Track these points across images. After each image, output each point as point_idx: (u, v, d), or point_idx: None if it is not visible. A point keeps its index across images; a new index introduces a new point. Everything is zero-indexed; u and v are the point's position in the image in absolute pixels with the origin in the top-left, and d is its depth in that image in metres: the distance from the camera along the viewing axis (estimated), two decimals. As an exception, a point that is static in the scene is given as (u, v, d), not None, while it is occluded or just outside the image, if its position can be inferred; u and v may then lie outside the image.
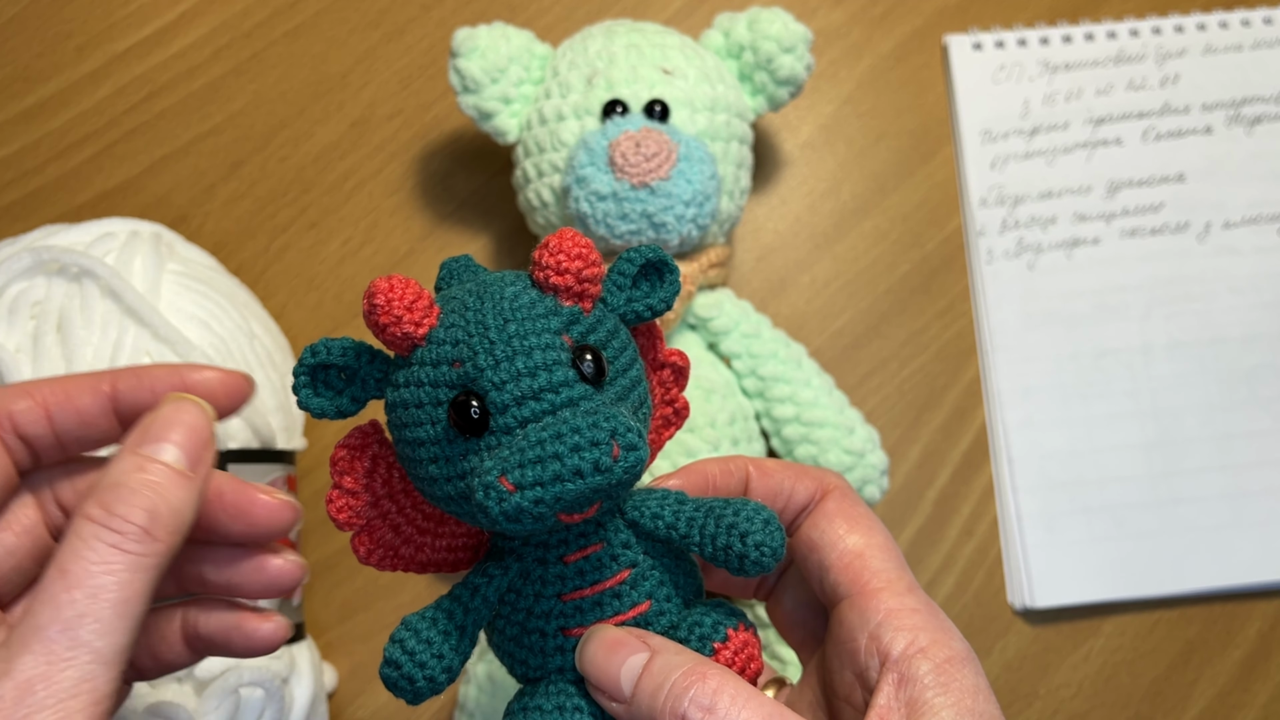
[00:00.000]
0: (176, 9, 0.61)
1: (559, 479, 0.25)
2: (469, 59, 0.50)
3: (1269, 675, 0.53)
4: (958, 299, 0.58)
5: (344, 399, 0.29)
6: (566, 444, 0.25)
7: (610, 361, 0.28)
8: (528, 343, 0.27)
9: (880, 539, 0.31)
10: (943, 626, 0.29)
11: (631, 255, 0.30)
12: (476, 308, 0.28)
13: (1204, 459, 0.55)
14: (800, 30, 0.51)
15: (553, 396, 0.27)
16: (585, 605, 0.29)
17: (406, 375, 0.28)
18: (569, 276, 0.28)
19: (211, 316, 0.47)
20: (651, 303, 0.30)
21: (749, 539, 0.28)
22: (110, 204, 0.58)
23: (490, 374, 0.27)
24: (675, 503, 0.30)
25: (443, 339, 0.27)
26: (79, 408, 0.30)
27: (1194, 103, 0.61)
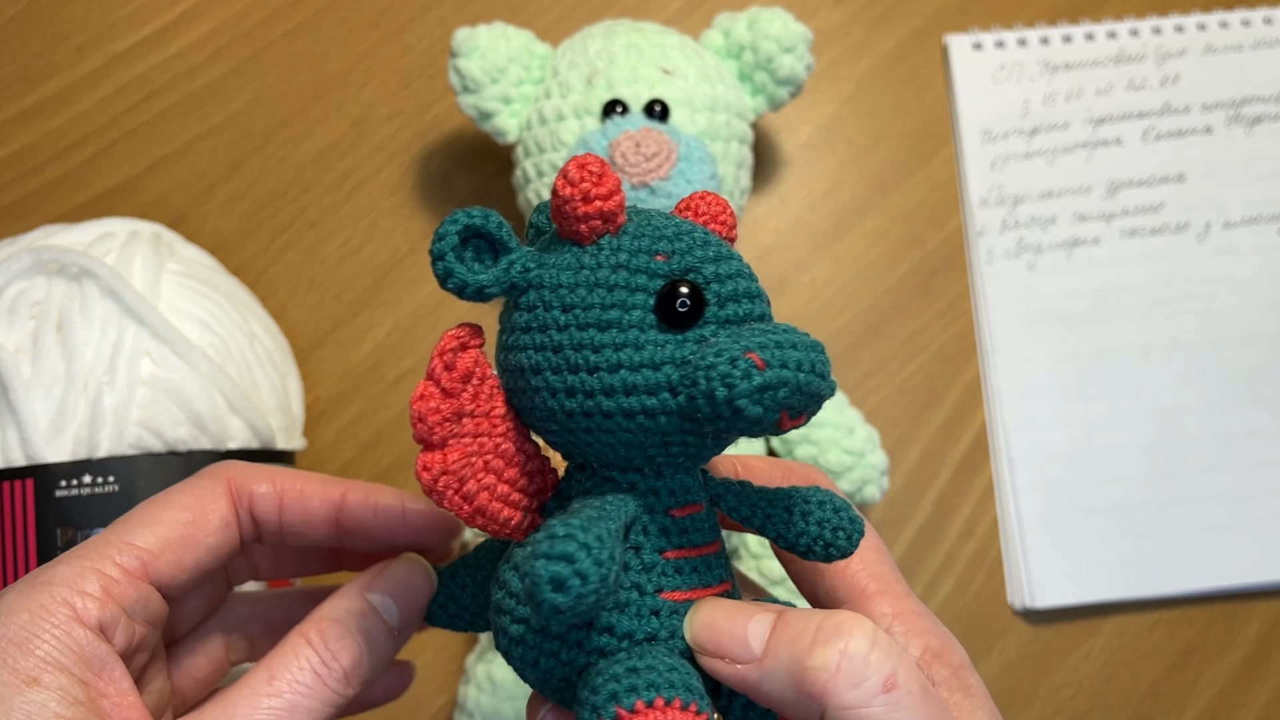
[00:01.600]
0: (176, 9, 0.61)
1: (800, 368, 0.24)
2: (469, 59, 0.50)
3: (1269, 675, 0.53)
4: (958, 299, 0.58)
5: (488, 275, 0.26)
6: (803, 340, 0.25)
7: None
8: (732, 251, 0.27)
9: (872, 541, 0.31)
10: (944, 631, 0.29)
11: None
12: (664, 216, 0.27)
13: (1204, 459, 0.55)
14: (800, 30, 0.51)
15: (762, 305, 0.26)
16: (685, 568, 0.27)
17: (593, 259, 0.25)
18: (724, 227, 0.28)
19: (211, 316, 0.47)
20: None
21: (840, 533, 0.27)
22: (110, 204, 0.58)
23: (711, 267, 0.26)
24: (739, 487, 0.29)
25: (638, 233, 0.26)
26: (308, 509, 0.31)
27: (1194, 103, 0.61)
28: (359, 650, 0.27)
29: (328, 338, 0.56)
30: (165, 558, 0.29)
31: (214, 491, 0.30)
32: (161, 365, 0.44)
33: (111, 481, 0.43)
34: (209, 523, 0.30)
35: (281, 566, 0.35)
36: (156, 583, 0.29)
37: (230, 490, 0.30)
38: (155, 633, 0.30)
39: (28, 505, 0.43)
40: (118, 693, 0.27)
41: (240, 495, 0.31)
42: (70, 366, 0.43)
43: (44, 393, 0.43)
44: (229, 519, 0.30)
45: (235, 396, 0.45)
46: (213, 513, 0.30)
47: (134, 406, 0.43)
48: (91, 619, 0.27)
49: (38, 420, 0.43)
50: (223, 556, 0.30)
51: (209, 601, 0.34)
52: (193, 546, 0.29)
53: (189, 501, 0.30)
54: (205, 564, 0.30)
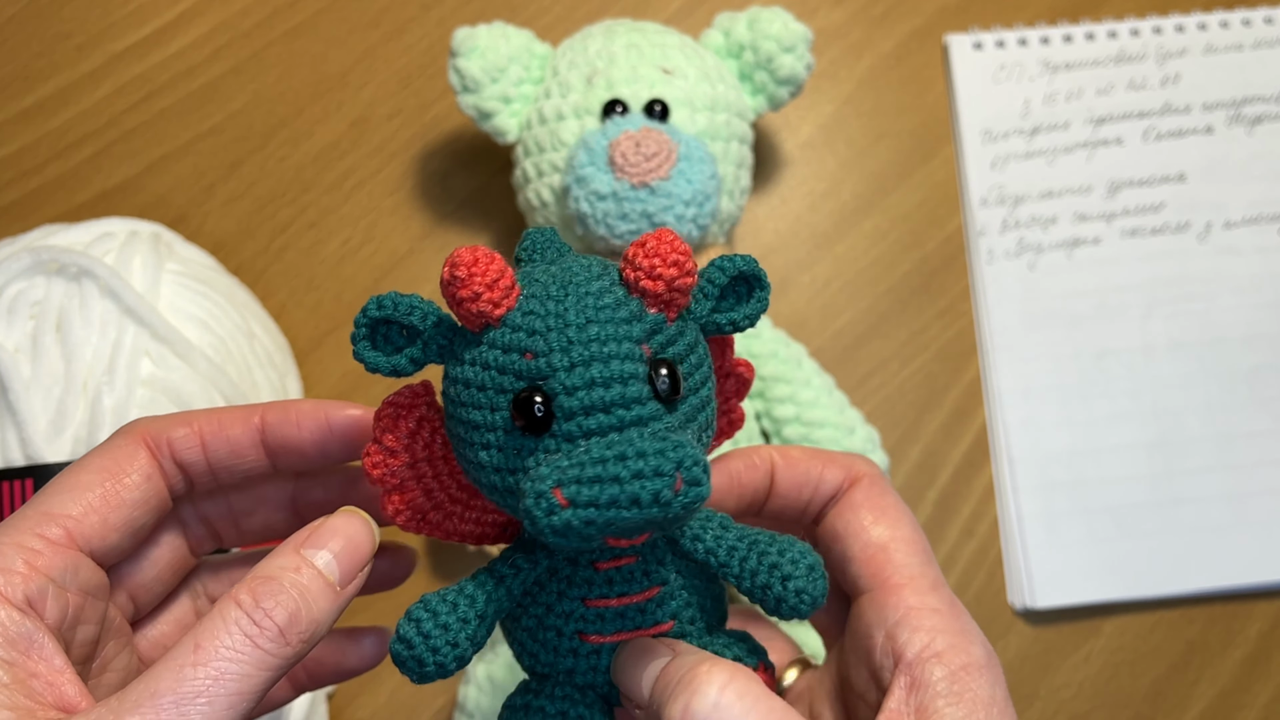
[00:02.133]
0: (176, 9, 0.61)
1: (615, 504, 0.24)
2: (469, 59, 0.50)
3: (1270, 675, 0.53)
4: (958, 299, 0.58)
5: (402, 358, 0.28)
6: (629, 468, 0.24)
7: (686, 378, 0.27)
8: (606, 349, 0.26)
9: (906, 532, 0.30)
10: (964, 630, 0.28)
11: (724, 264, 0.28)
12: (559, 298, 0.26)
13: (1205, 459, 0.55)
14: (800, 30, 0.51)
15: (623, 413, 0.25)
16: (607, 615, 0.28)
17: (474, 354, 0.27)
18: (661, 284, 0.26)
19: (211, 316, 0.47)
20: (735, 317, 0.28)
21: (790, 583, 0.27)
22: (109, 204, 0.58)
23: (564, 376, 0.25)
24: (719, 527, 0.29)
25: (519, 325, 0.26)
26: (230, 437, 0.30)
27: (1195, 102, 0.61)
28: (295, 607, 0.26)
29: (328, 338, 0.56)
30: (89, 520, 0.28)
31: (129, 448, 0.29)
32: (161, 365, 0.44)
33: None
34: (128, 477, 0.29)
35: (243, 532, 0.34)
36: (86, 548, 0.28)
37: (146, 443, 0.30)
38: (98, 603, 0.29)
39: (27, 505, 0.43)
40: (49, 670, 0.26)
41: (158, 445, 0.30)
42: (70, 366, 0.43)
43: (43, 393, 0.43)
44: (150, 470, 0.29)
45: (235, 396, 0.45)
46: (130, 467, 0.29)
47: (133, 406, 0.43)
48: (16, 595, 0.26)
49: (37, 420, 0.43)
50: (152, 510, 0.30)
51: (172, 571, 0.32)
52: (116, 504, 0.29)
53: (104, 462, 0.29)
54: (136, 521, 0.29)
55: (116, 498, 0.29)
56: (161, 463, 0.30)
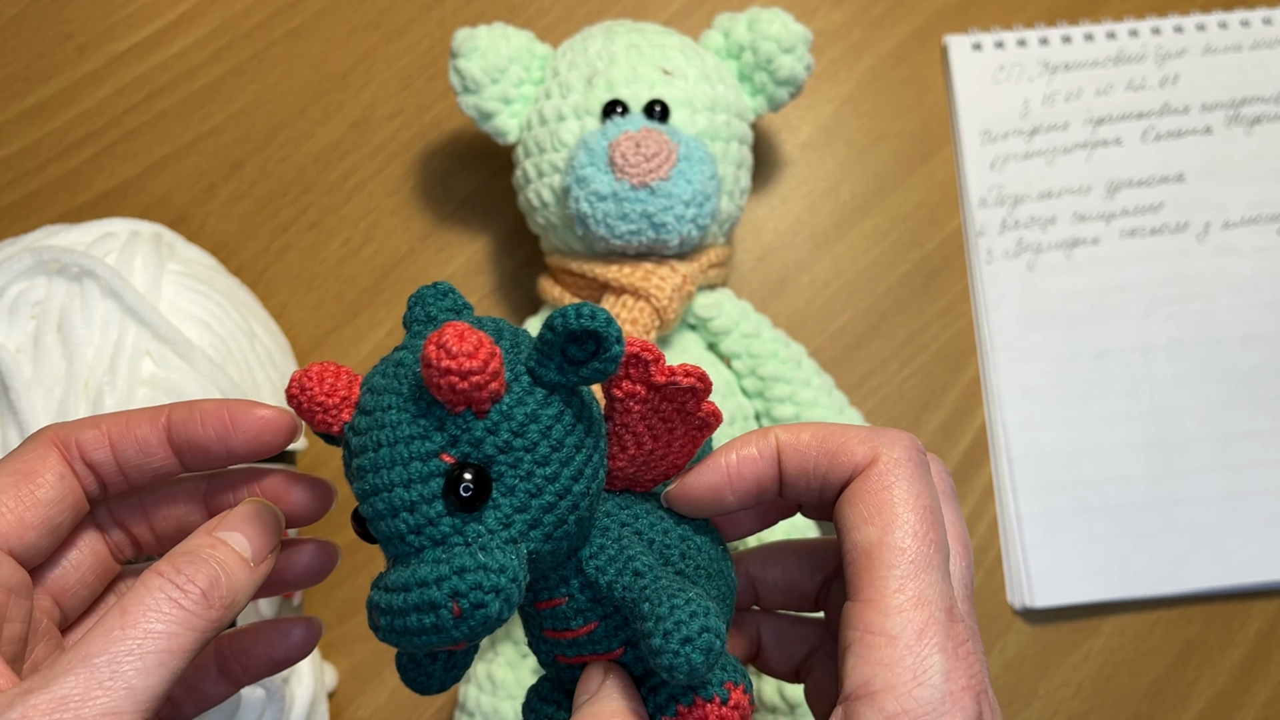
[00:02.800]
0: (177, 9, 0.61)
1: (407, 631, 0.25)
2: (469, 59, 0.50)
3: (1269, 675, 0.53)
4: (957, 299, 0.58)
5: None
6: (410, 600, 0.25)
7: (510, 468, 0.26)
8: (392, 476, 0.26)
9: (899, 534, 0.27)
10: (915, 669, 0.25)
11: (554, 322, 0.26)
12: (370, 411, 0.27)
13: (1204, 459, 0.55)
14: (800, 30, 0.51)
15: (414, 539, 0.26)
16: (563, 643, 0.30)
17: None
18: (444, 391, 0.25)
19: (212, 316, 0.47)
20: (586, 374, 0.27)
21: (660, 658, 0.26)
22: (111, 204, 0.58)
23: (364, 506, 0.27)
24: (631, 575, 0.28)
25: (348, 441, 0.28)
26: (138, 436, 0.31)
27: (1193, 103, 0.61)
28: (214, 574, 0.28)
29: (328, 338, 0.56)
30: (5, 519, 0.29)
31: (39, 450, 0.31)
32: (162, 365, 0.44)
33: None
34: (41, 477, 0.30)
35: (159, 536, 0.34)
36: (4, 546, 0.29)
37: (56, 445, 0.31)
38: (22, 601, 0.30)
39: (29, 505, 0.43)
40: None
41: (68, 448, 0.31)
42: (71, 366, 0.43)
43: (45, 392, 0.43)
44: (62, 470, 0.31)
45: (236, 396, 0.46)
46: (43, 468, 0.30)
47: (135, 406, 0.43)
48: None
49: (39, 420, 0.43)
50: (68, 509, 0.31)
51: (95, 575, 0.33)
52: (31, 504, 0.30)
53: (16, 465, 0.30)
54: (53, 520, 0.30)
55: (31, 497, 0.30)
56: (73, 464, 0.31)
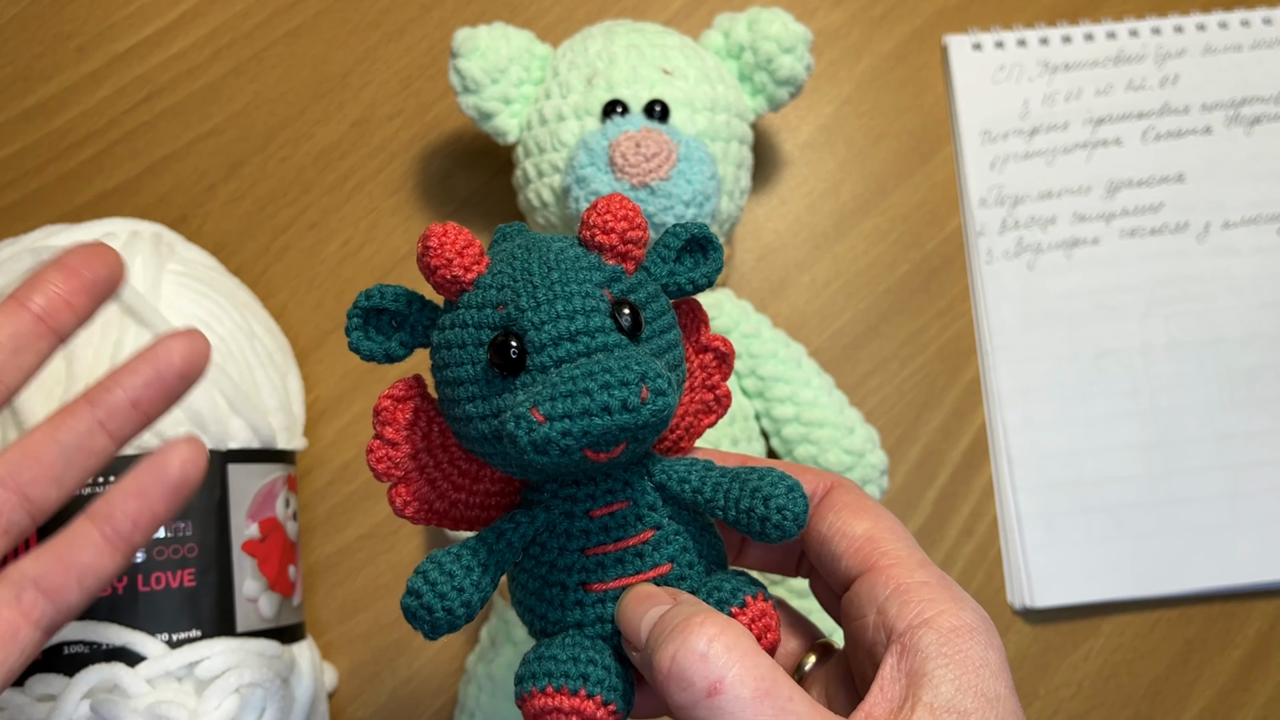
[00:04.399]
0: (177, 9, 0.61)
1: (587, 413, 0.26)
2: (469, 59, 0.50)
3: (1269, 675, 0.53)
4: (957, 299, 0.58)
5: (393, 343, 0.30)
6: (597, 381, 0.26)
7: (648, 321, 0.29)
8: (569, 289, 0.28)
9: (889, 523, 0.30)
10: (954, 597, 0.28)
11: (677, 230, 0.31)
12: (524, 258, 0.29)
13: (1204, 459, 0.55)
14: (800, 31, 0.51)
15: (588, 340, 0.28)
16: (607, 561, 0.30)
17: (452, 318, 0.29)
18: (614, 236, 0.29)
19: (212, 316, 0.47)
20: (694, 276, 0.31)
21: (771, 502, 0.28)
22: (111, 204, 0.58)
23: (531, 315, 0.28)
24: (703, 469, 0.30)
25: (489, 284, 0.29)
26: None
27: (1193, 103, 0.61)
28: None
29: (328, 338, 0.56)
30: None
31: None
32: (162, 365, 0.44)
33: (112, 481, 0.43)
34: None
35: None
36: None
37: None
38: None
39: (29, 505, 0.43)
40: None
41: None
42: (71, 367, 0.43)
43: (45, 393, 0.43)
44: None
45: (236, 396, 0.46)
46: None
47: (135, 406, 0.43)
48: None
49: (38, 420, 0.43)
50: None
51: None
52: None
53: None
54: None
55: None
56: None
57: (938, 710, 0.26)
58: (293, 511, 0.50)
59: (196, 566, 0.44)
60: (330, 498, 0.54)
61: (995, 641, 0.27)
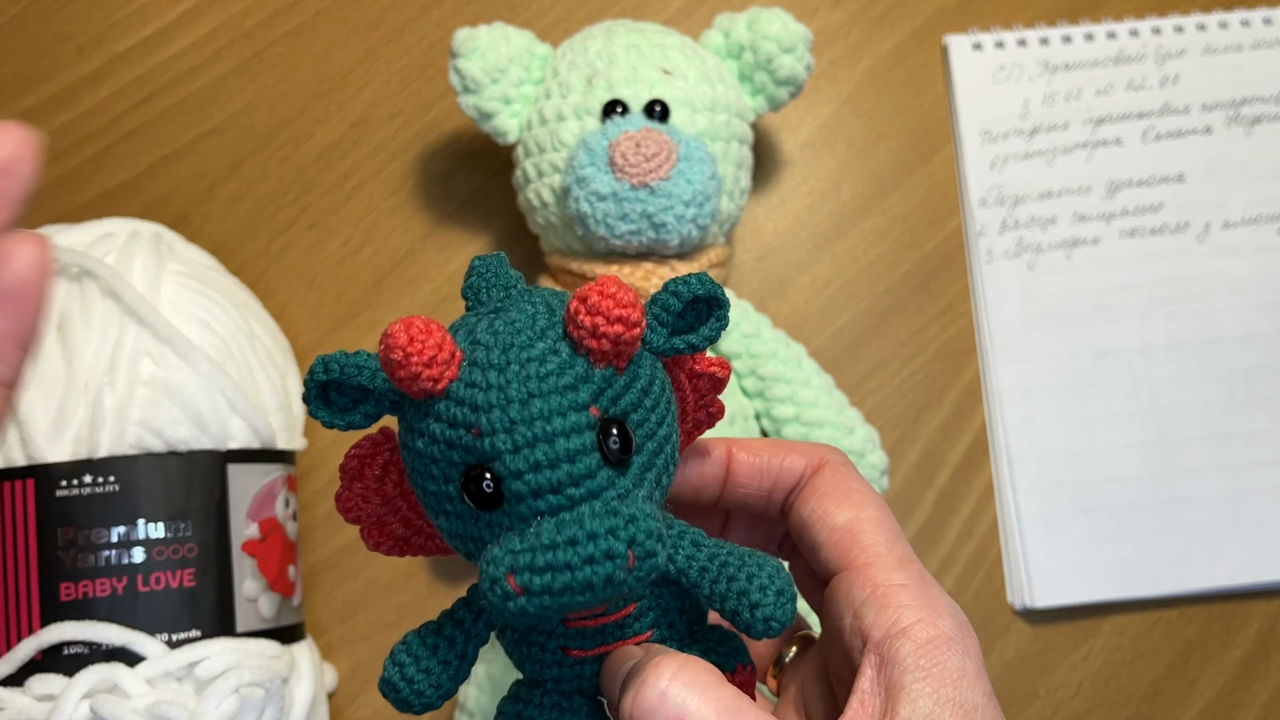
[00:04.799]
0: (177, 9, 0.61)
1: (568, 589, 0.24)
2: (469, 59, 0.50)
3: (1269, 675, 0.53)
4: (957, 299, 0.58)
5: (356, 414, 0.28)
6: (580, 554, 0.24)
7: (639, 426, 0.27)
8: (551, 427, 0.25)
9: (871, 512, 0.30)
10: (932, 604, 0.28)
11: (679, 289, 0.27)
12: (501, 366, 0.26)
13: (1204, 459, 0.55)
14: (800, 30, 0.51)
15: (573, 491, 0.25)
16: (587, 633, 0.29)
17: (422, 426, 0.26)
18: (606, 342, 0.26)
19: (212, 316, 0.47)
20: (693, 340, 0.28)
21: (758, 611, 0.27)
22: (110, 204, 0.58)
23: (510, 460, 0.25)
24: (690, 546, 0.29)
25: (462, 398, 0.26)
26: None
27: (1194, 103, 0.61)
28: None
29: (328, 338, 0.56)
30: None
31: None
32: (162, 365, 0.44)
33: (112, 481, 0.43)
34: None
35: None
36: None
37: None
38: None
39: (28, 505, 0.43)
40: None
41: None
42: (71, 367, 0.43)
43: (45, 393, 0.43)
44: None
45: (236, 396, 0.46)
46: None
47: (134, 406, 0.43)
48: None
49: (38, 420, 0.43)
50: None
51: None
52: None
53: None
54: None
55: None
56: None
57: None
58: (293, 511, 0.50)
59: (196, 567, 0.44)
60: (330, 498, 0.54)
61: (973, 648, 0.27)
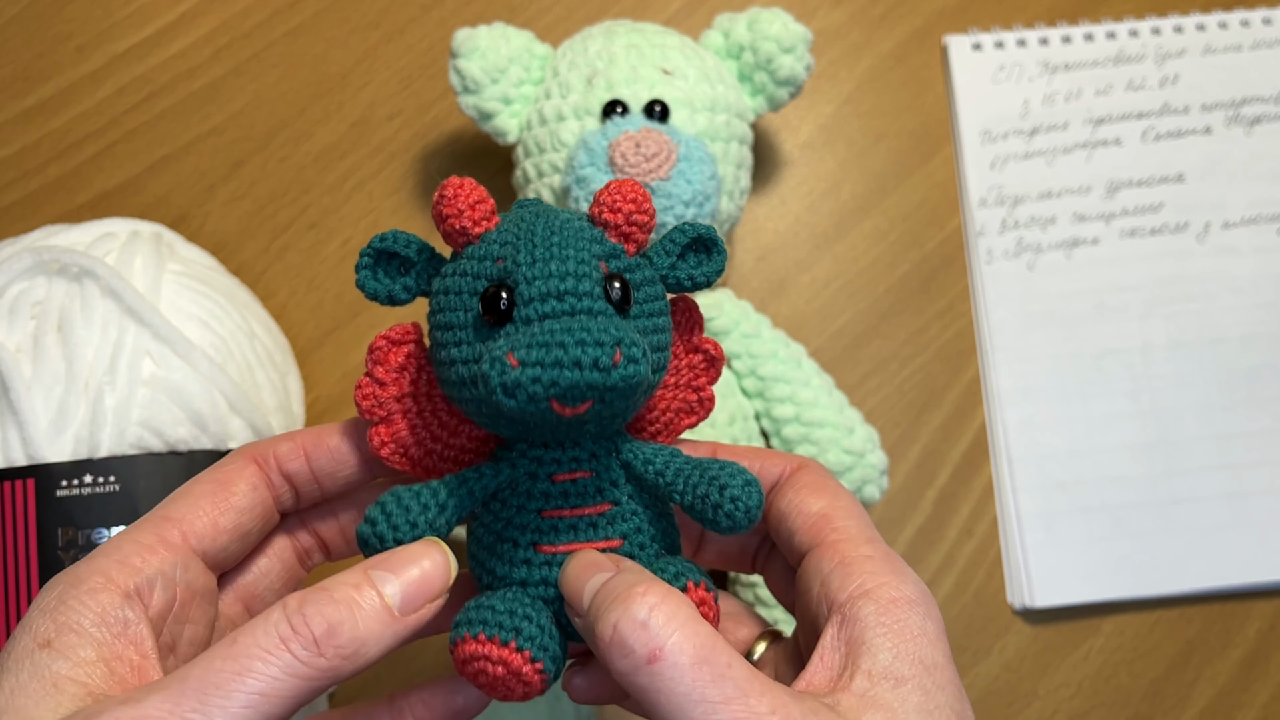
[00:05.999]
0: (177, 9, 0.61)
1: (559, 364, 0.27)
2: (469, 59, 0.50)
3: (1269, 675, 0.53)
4: (957, 299, 0.58)
5: (398, 286, 0.31)
6: (574, 337, 0.27)
7: (637, 300, 0.30)
8: (565, 252, 0.29)
9: (845, 502, 0.31)
10: (896, 570, 0.29)
11: (685, 227, 0.32)
12: (531, 221, 0.30)
13: (1203, 459, 0.55)
14: (800, 31, 0.51)
15: (574, 301, 0.29)
16: (561, 525, 0.31)
17: (454, 266, 0.30)
18: (619, 215, 0.30)
19: (212, 316, 0.47)
20: (694, 274, 0.32)
21: (727, 491, 0.29)
22: (111, 204, 0.58)
23: (525, 269, 0.29)
24: (670, 454, 0.31)
25: (494, 240, 0.30)
26: (329, 445, 0.33)
27: (1193, 103, 0.61)
28: (338, 619, 0.26)
29: (328, 338, 0.56)
30: (200, 523, 0.30)
31: (237, 462, 0.32)
32: (162, 365, 0.44)
33: (112, 481, 0.43)
34: (236, 485, 0.31)
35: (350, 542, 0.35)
36: (198, 548, 0.30)
37: (254, 459, 0.32)
38: (206, 606, 0.31)
39: (29, 505, 0.43)
40: (138, 654, 0.27)
41: (265, 459, 0.32)
42: (71, 366, 0.43)
43: (45, 392, 0.43)
44: (256, 481, 0.32)
45: (236, 396, 0.46)
46: (238, 477, 0.31)
47: (135, 406, 0.43)
48: (121, 584, 0.28)
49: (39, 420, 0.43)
50: (259, 517, 0.32)
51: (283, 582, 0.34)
52: (225, 509, 0.31)
53: (215, 475, 0.32)
54: (244, 526, 0.31)
55: (225, 503, 0.31)
56: (269, 474, 0.32)
57: (875, 676, 0.26)
58: (293, 511, 0.50)
59: (196, 566, 0.44)
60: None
61: (934, 613, 0.28)
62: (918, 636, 0.27)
